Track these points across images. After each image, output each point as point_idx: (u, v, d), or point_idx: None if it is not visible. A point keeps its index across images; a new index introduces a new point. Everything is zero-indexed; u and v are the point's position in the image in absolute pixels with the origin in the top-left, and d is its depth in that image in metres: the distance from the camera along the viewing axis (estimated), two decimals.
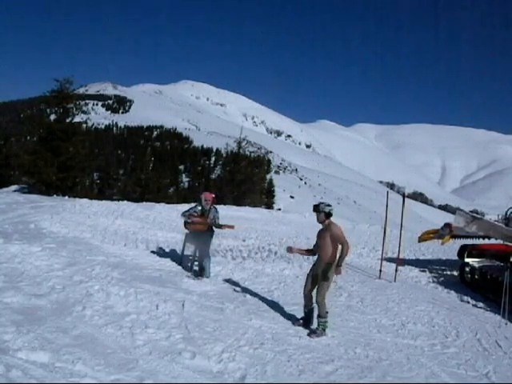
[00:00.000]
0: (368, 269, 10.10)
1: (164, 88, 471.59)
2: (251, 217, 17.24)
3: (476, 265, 9.28)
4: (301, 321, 5.73)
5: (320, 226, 5.69)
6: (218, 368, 4.20)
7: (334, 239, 5.44)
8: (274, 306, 6.38)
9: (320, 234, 5.66)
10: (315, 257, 5.77)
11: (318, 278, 5.52)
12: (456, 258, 10.19)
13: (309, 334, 5.41)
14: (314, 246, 5.77)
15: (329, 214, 5.57)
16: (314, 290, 5.61)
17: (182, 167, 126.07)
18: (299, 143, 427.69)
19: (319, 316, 5.51)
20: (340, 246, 5.44)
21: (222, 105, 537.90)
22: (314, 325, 5.63)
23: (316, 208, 5.63)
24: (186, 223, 7.69)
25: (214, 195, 7.82)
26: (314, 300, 5.61)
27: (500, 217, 9.88)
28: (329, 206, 5.62)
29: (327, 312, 5.54)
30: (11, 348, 3.81)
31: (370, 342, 5.51)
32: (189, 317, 5.38)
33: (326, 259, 5.50)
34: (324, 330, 5.48)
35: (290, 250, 5.96)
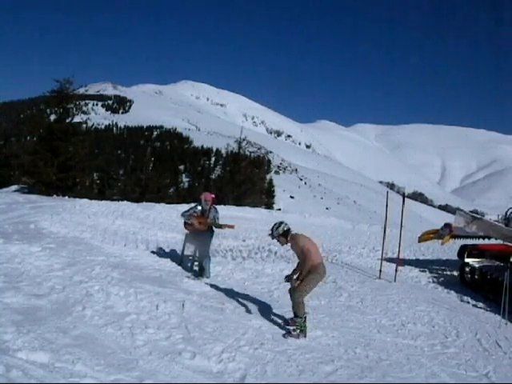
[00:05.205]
0: (368, 269, 10.11)
1: (164, 88, 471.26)
2: (251, 217, 17.23)
3: (476, 265, 9.28)
4: (289, 323, 5.60)
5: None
6: (218, 368, 4.21)
7: (302, 250, 5.38)
8: (274, 306, 6.39)
9: (293, 250, 5.66)
10: None
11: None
12: (456, 257, 10.19)
13: (284, 335, 5.29)
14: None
15: (286, 232, 5.51)
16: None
17: (182, 167, 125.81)
18: (299, 143, 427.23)
19: (295, 316, 5.40)
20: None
21: (222, 105, 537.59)
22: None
23: (272, 236, 5.59)
24: (185, 223, 7.70)
25: (213, 195, 7.84)
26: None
27: (500, 217, 9.88)
28: (280, 224, 5.56)
29: (306, 313, 5.40)
30: (11, 348, 3.81)
31: (370, 342, 5.52)
32: (189, 317, 5.39)
33: (304, 268, 5.37)
34: (302, 331, 5.31)
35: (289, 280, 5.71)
